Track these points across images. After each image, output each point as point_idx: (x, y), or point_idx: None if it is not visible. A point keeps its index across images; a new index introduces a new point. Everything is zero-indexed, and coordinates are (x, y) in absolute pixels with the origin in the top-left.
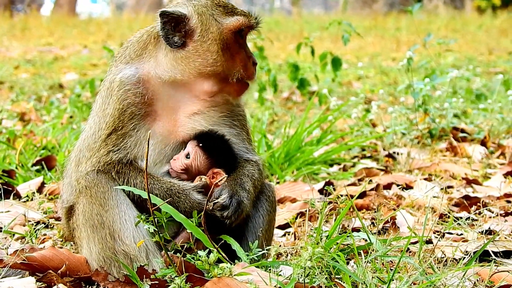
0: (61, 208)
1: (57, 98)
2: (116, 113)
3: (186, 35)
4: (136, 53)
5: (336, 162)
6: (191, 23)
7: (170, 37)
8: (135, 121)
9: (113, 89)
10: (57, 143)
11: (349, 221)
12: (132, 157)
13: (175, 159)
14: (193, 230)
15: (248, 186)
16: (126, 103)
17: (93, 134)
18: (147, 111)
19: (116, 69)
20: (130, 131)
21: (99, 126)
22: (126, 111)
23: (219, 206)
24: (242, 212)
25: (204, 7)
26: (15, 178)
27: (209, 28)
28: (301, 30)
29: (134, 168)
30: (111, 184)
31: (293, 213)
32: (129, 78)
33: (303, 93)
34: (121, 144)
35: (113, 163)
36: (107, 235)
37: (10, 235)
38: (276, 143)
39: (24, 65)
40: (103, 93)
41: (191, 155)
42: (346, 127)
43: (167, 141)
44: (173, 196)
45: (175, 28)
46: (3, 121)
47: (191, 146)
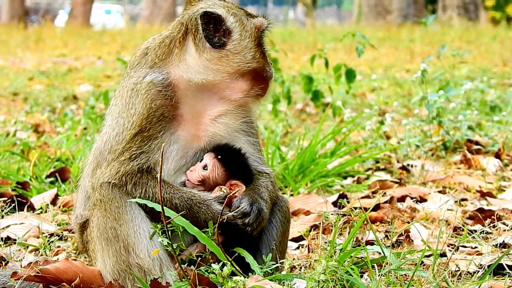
0: (74, 223)
1: (71, 109)
2: (145, 112)
3: (225, 34)
4: (160, 58)
5: (350, 174)
6: (228, 23)
7: (210, 37)
8: (163, 124)
9: (139, 90)
10: (71, 154)
11: (363, 234)
12: (152, 163)
13: (192, 170)
14: (206, 243)
15: (265, 196)
16: (157, 103)
17: (117, 135)
18: (174, 114)
19: (140, 73)
20: (156, 133)
21: (124, 127)
22: (156, 112)
23: (240, 214)
24: (262, 220)
25: (234, 9)
26: (29, 190)
27: (245, 26)
28: (315, 42)
29: (153, 177)
30: (125, 198)
31: (307, 225)
32: (160, 81)
33: (317, 105)
34: (144, 147)
35: (133, 173)
36: (121, 248)
37: (24, 247)
38: (290, 155)
39: (38, 76)
40: (125, 94)
41: (209, 167)
42: (360, 139)
43: (189, 146)
44: (193, 206)
45: (215, 28)
46: (18, 133)
47: (209, 158)
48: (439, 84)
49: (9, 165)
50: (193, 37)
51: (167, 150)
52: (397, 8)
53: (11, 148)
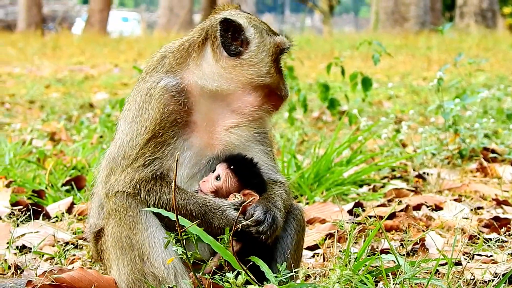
0: (89, 232)
1: (87, 117)
2: (158, 117)
3: (242, 44)
4: (178, 62)
5: (366, 182)
6: (247, 33)
7: (227, 44)
8: (176, 129)
9: (153, 95)
10: (86, 163)
11: (378, 243)
12: (166, 170)
13: (205, 181)
14: (221, 252)
15: (279, 205)
16: (170, 109)
17: (130, 141)
18: (187, 120)
19: (155, 78)
20: (169, 139)
21: (137, 132)
22: (169, 117)
23: (254, 221)
24: (276, 228)
25: (256, 21)
26: (44, 199)
27: (264, 40)
28: (331, 49)
29: (167, 183)
30: (140, 207)
31: (322, 234)
32: (174, 87)
33: (333, 113)
34: (158, 153)
35: (146, 180)
36: (136, 257)
37: (40, 256)
38: (306, 163)
39: (55, 84)
40: (138, 99)
41: (222, 177)
42: (376, 147)
43: (202, 153)
44: (208, 212)
45: (233, 36)
46: (34, 141)
47: (222, 169)
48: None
49: (25, 173)
50: (211, 43)
51: (180, 156)
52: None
53: (27, 156)
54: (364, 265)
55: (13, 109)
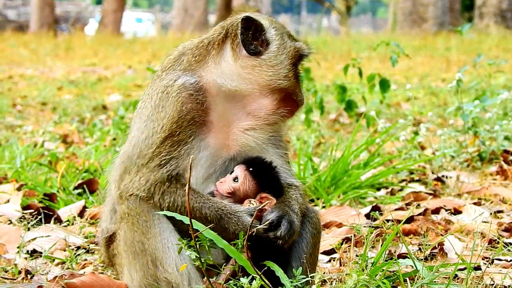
0: (100, 236)
1: (100, 119)
2: (175, 115)
3: (262, 44)
4: (196, 59)
5: (384, 186)
6: (268, 34)
7: (247, 43)
8: (193, 128)
9: (170, 92)
10: (99, 166)
11: (395, 247)
12: (181, 170)
13: (222, 181)
14: (235, 256)
15: (296, 209)
16: (188, 107)
17: (146, 139)
18: (204, 120)
19: (172, 75)
20: (186, 138)
21: (154, 130)
22: (186, 115)
23: (271, 226)
24: (294, 232)
25: (277, 24)
26: (56, 202)
27: (285, 43)
28: (349, 50)
29: (182, 185)
30: (153, 212)
31: (339, 238)
32: (192, 85)
33: (351, 115)
34: (174, 152)
35: (162, 182)
36: (148, 262)
37: (50, 261)
38: (323, 166)
39: (67, 86)
40: (155, 97)
41: (240, 179)
42: (394, 150)
43: (218, 154)
44: (223, 216)
45: (254, 35)
46: (46, 143)
47: (240, 170)
48: (475, 94)
49: (36, 177)
50: (231, 42)
51: (196, 156)
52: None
53: (38, 159)
54: (381, 270)
55: (25, 111)
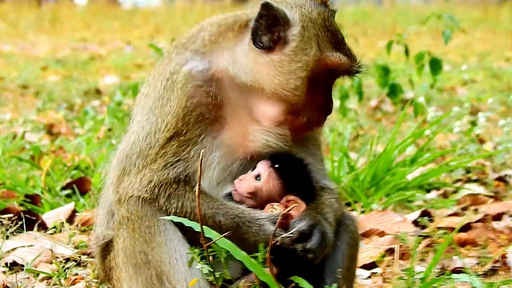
0: (95, 244)
1: (93, 106)
2: (180, 113)
3: (278, 41)
4: (211, 39)
5: (435, 187)
6: (289, 32)
7: (259, 33)
8: (203, 126)
9: (176, 82)
10: (92, 162)
11: (449, 260)
12: (191, 173)
13: (242, 179)
14: (257, 271)
15: (330, 218)
16: (195, 101)
17: (148, 136)
18: (216, 115)
19: (180, 58)
20: (195, 137)
21: (156, 127)
22: (193, 112)
23: (300, 237)
24: (326, 246)
25: (312, 23)
26: (40, 205)
27: (307, 49)
28: (393, 24)
29: (192, 188)
30: (158, 216)
31: (381, 249)
32: (201, 73)
33: (395, 101)
34: (182, 154)
35: (167, 184)
36: (153, 277)
37: (34, 275)
38: (361, 163)
39: (53, 65)
40: (159, 85)
41: (263, 177)
42: (447, 143)
43: (234, 155)
44: (241, 225)
45: (269, 27)
46: (27, 135)
47: (264, 167)
48: None
49: (16, 174)
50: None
51: (208, 157)
52: None
53: (18, 154)
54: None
55: (1, 96)
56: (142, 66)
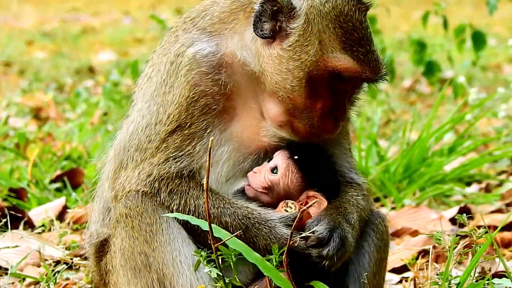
0: (88, 243)
1: (86, 87)
2: (183, 103)
3: (279, 31)
4: (221, 17)
5: (476, 179)
6: (292, 23)
7: (262, 19)
8: (209, 118)
9: (180, 66)
10: (85, 151)
11: (490, 263)
12: (196, 168)
13: (256, 172)
14: (272, 275)
15: (353, 219)
16: (200, 91)
17: (148, 128)
18: (225, 106)
19: (187, 37)
20: (200, 130)
21: (157, 118)
22: (198, 102)
23: (315, 241)
24: (345, 253)
25: (320, 16)
26: (26, 200)
27: (307, 45)
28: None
29: (197, 184)
30: (160, 212)
31: (413, 251)
32: (208, 58)
33: (432, 81)
34: (186, 148)
35: (169, 178)
36: (154, 281)
37: (20, 280)
38: (392, 152)
39: (40, 39)
40: (163, 68)
41: (280, 170)
42: (491, 130)
43: (246, 150)
44: (251, 227)
45: (274, 14)
46: (11, 120)
47: (281, 158)
48: None
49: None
50: None
51: (216, 152)
52: None
53: (1, 142)
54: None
55: None
56: (142, 40)
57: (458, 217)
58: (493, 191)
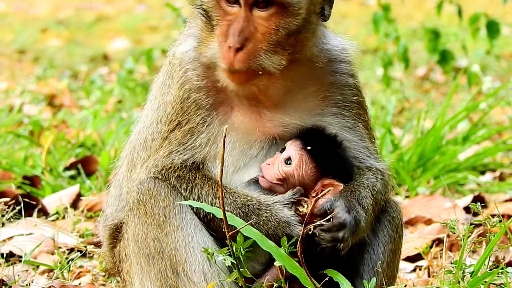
0: (103, 226)
1: (101, 74)
2: (177, 101)
3: None
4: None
5: (490, 168)
6: None
7: None
8: (204, 112)
9: (174, 67)
10: (99, 138)
11: (504, 252)
12: (200, 159)
13: (270, 164)
14: (286, 264)
15: (367, 203)
16: (188, 88)
17: (151, 127)
18: (218, 98)
19: (182, 35)
20: (198, 125)
21: (159, 117)
22: (188, 99)
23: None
24: (357, 236)
25: None
26: (40, 188)
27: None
28: None
29: (202, 174)
30: (173, 196)
31: (427, 239)
32: (188, 54)
33: (446, 70)
34: (188, 143)
35: (175, 167)
36: (167, 268)
37: (33, 267)
38: (406, 141)
39: (54, 27)
40: (164, 69)
41: (294, 161)
42: (505, 118)
43: (251, 137)
44: (250, 214)
45: None
46: (25, 107)
47: (295, 149)
48: None
49: (13, 152)
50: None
51: (218, 143)
52: None
53: (16, 129)
54: (484, 282)
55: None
56: (157, 28)
57: (472, 205)
58: (507, 180)
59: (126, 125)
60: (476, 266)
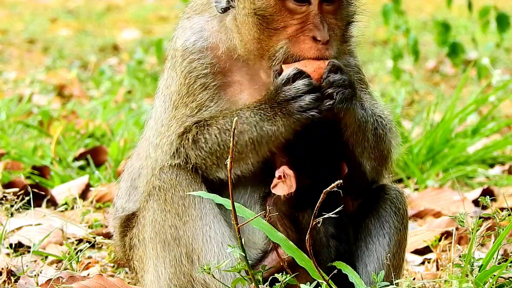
0: (113, 218)
1: (110, 65)
2: (183, 88)
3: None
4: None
5: (499, 161)
6: None
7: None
8: (211, 92)
9: (176, 59)
10: (108, 129)
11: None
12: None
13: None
14: (295, 256)
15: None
16: (194, 76)
17: (160, 117)
18: (224, 81)
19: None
20: (206, 101)
21: (165, 107)
22: (195, 84)
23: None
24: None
25: None
26: (49, 178)
27: None
28: None
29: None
30: (194, 186)
31: (436, 232)
32: (194, 45)
33: (456, 62)
34: (196, 115)
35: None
36: (182, 255)
37: (42, 258)
38: (416, 133)
39: (64, 17)
40: (168, 65)
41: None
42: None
43: None
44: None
45: None
46: (35, 97)
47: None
48: None
49: (22, 143)
50: None
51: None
52: None
53: (25, 119)
54: (492, 276)
55: (5, 52)
56: (167, 18)
57: (481, 199)
58: None
59: (136, 115)
60: (484, 259)
